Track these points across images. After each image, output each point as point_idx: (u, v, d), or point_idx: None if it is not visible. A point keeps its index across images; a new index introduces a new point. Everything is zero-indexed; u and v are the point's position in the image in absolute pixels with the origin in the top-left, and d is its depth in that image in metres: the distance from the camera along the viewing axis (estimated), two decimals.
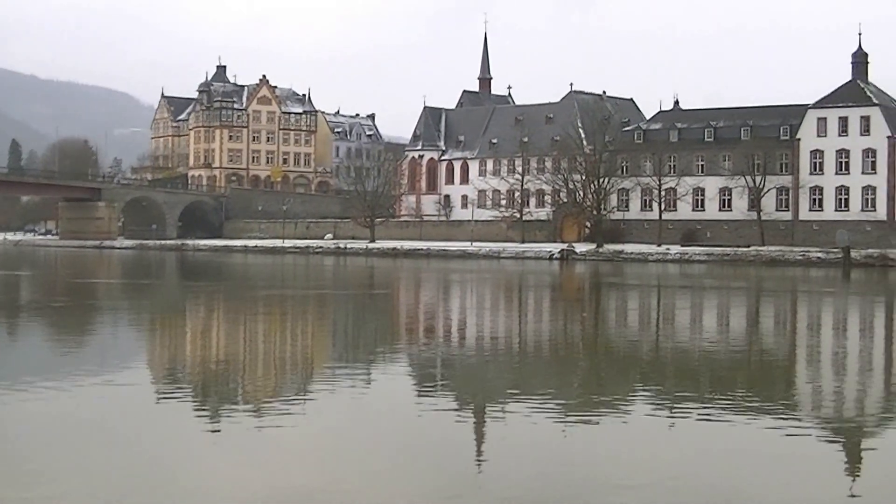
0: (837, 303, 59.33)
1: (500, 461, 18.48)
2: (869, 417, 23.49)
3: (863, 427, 22.19)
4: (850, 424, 22.38)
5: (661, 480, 17.04)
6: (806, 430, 21.28)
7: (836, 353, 35.94)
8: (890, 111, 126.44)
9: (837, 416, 23.45)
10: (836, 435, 21.13)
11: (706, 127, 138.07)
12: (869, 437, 21.22)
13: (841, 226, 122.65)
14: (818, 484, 17.22)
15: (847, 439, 20.81)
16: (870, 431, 21.71)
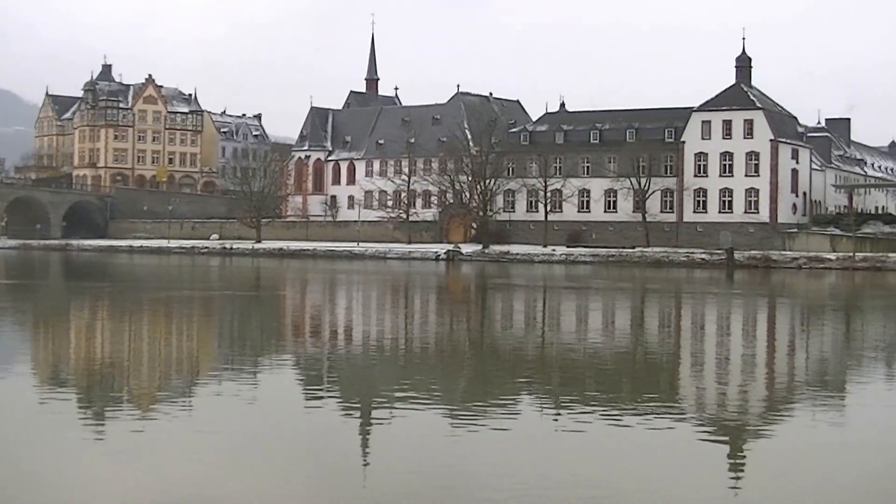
0: (721, 304, 60.00)
1: (387, 462, 18.36)
2: (752, 416, 23.70)
3: (745, 425, 22.40)
4: (733, 423, 22.57)
5: (546, 480, 17.03)
6: (690, 429, 21.46)
7: (720, 353, 36.36)
8: (773, 115, 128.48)
9: (721, 415, 23.64)
10: (720, 433, 21.32)
11: (592, 129, 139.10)
12: (751, 434, 21.45)
13: (724, 227, 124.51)
14: (702, 483, 17.35)
15: (730, 438, 21.02)
16: (752, 429, 21.95)
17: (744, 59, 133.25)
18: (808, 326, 48.32)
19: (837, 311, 56.87)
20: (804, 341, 41.69)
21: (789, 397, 26.48)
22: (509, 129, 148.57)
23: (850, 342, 40.67)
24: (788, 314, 55.28)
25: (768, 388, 28.18)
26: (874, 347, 38.23)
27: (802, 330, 46.67)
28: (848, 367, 33.10)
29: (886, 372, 31.96)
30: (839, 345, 39.78)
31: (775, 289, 76.25)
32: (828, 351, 37.63)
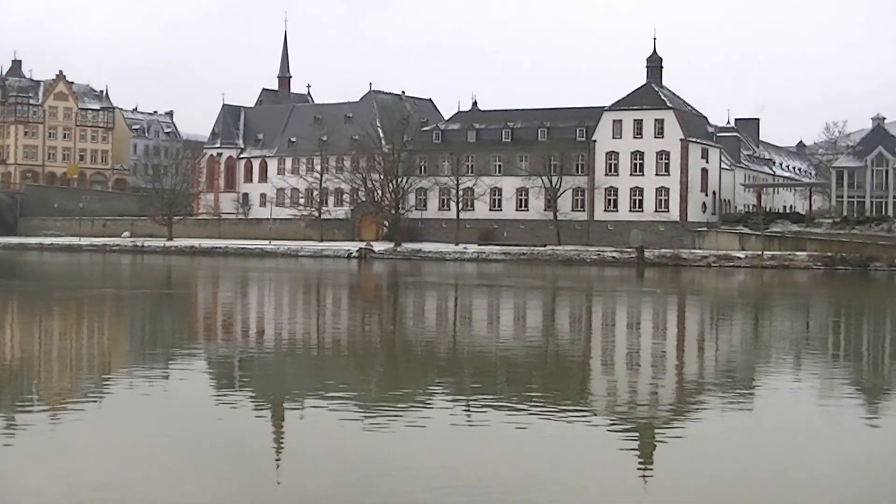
0: (631, 301, 60.54)
1: (301, 459, 18.36)
2: (662, 410, 24.01)
3: (656, 420, 22.65)
4: (644, 418, 22.84)
5: (459, 476, 17.14)
6: (601, 424, 21.66)
7: (631, 349, 36.71)
8: (683, 114, 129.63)
9: (632, 410, 23.92)
10: (631, 428, 21.58)
11: (504, 128, 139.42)
12: (662, 428, 21.69)
13: (635, 226, 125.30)
14: (613, 476, 17.53)
15: (641, 432, 21.28)
16: (663, 424, 22.21)
17: (654, 59, 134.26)
18: (718, 323, 48.95)
19: (746, 309, 57.61)
20: (713, 338, 42.23)
21: (699, 392, 26.82)
22: (421, 127, 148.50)
23: (759, 339, 41.28)
24: (698, 311, 55.93)
25: (678, 384, 28.52)
26: (782, 344, 38.84)
27: (712, 327, 47.27)
28: (756, 362, 33.63)
29: (793, 367, 32.48)
30: (748, 341, 40.36)
31: (685, 286, 77.06)
32: (737, 347, 38.16)
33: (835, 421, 23.10)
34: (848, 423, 22.84)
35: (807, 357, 35.19)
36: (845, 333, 45.10)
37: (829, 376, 30.50)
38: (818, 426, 22.52)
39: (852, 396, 26.75)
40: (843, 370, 32.29)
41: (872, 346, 39.72)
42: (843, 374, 31.08)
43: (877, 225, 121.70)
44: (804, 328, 46.93)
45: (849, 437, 21.30)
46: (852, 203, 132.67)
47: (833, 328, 47.32)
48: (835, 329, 46.93)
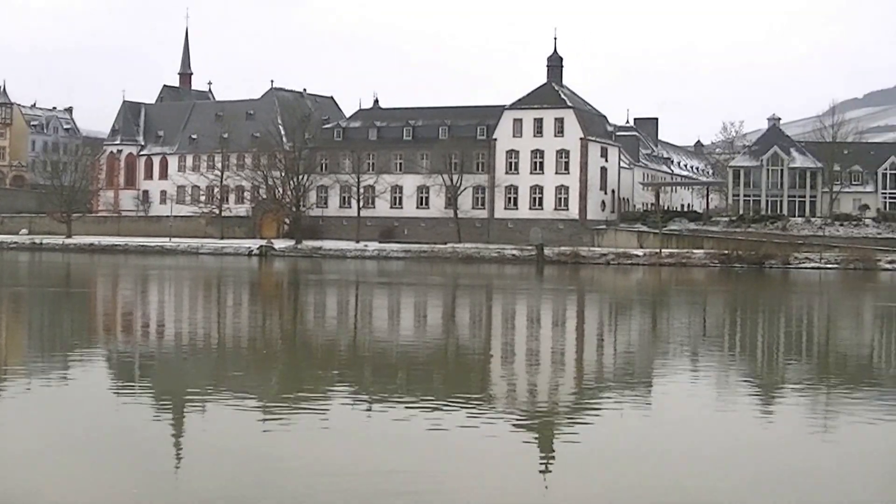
0: (531, 298, 60.99)
1: (200, 458, 18.37)
2: (561, 406, 24.25)
3: (556, 416, 22.88)
4: (544, 414, 23.05)
5: (358, 473, 17.22)
6: (501, 420, 21.81)
7: (531, 347, 36.99)
8: (583, 113, 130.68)
9: (532, 406, 24.09)
10: (531, 424, 21.73)
11: (405, 126, 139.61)
12: (561, 424, 21.91)
13: (535, 224, 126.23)
14: (514, 474, 17.66)
15: (540, 428, 21.45)
16: (562, 419, 22.42)
17: (555, 58, 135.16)
18: (617, 320, 49.49)
19: (645, 306, 58.29)
20: (613, 335, 42.66)
21: (599, 388, 27.04)
22: (323, 125, 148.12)
23: (657, 335, 41.85)
24: (597, 309, 56.50)
25: (578, 380, 28.81)
26: (679, 340, 39.42)
27: (611, 324, 47.77)
28: (654, 359, 34.10)
29: (691, 363, 33.00)
30: (646, 338, 40.86)
31: (584, 284, 77.73)
32: (635, 344, 38.61)
33: (730, 415, 23.53)
34: (743, 417, 23.27)
35: (704, 353, 35.75)
36: (741, 330, 45.85)
37: (725, 372, 31.05)
38: (714, 421, 22.87)
39: (748, 391, 27.24)
40: (739, 366, 32.85)
41: (767, 342, 40.42)
42: (739, 370, 31.63)
43: (772, 223, 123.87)
44: (701, 325, 47.64)
45: (743, 430, 21.68)
46: (748, 202, 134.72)
47: (729, 325, 48.12)
48: (731, 325, 47.72)
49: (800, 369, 32.35)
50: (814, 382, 29.01)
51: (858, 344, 39.72)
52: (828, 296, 69.77)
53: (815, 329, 47.15)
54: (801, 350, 38.28)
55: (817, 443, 20.89)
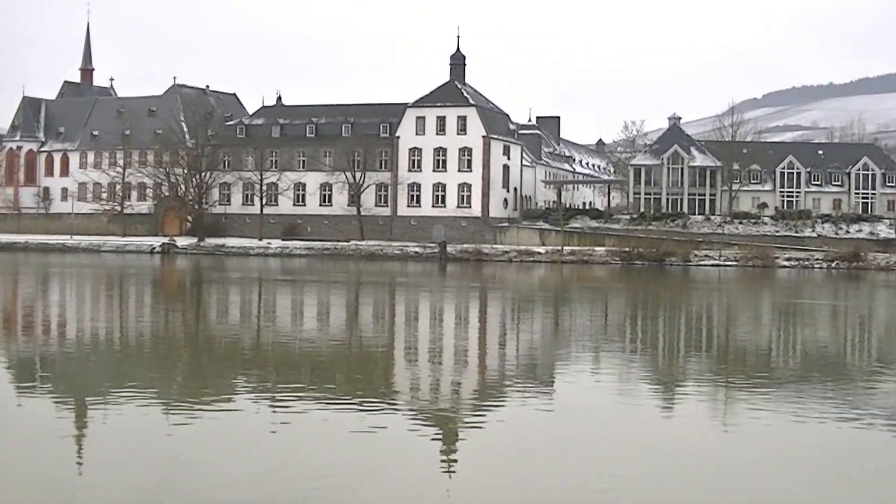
0: (434, 296, 61.13)
1: (103, 457, 18.18)
2: (465, 403, 24.36)
3: (459, 412, 22.98)
4: (448, 410, 23.14)
5: (263, 472, 17.16)
6: (404, 418, 21.87)
7: (433, 343, 37.09)
8: (485, 111, 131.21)
9: (435, 403, 24.17)
10: (434, 421, 21.80)
11: (308, 123, 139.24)
12: (464, 420, 22.02)
13: (438, 222, 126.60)
14: (416, 471, 17.72)
15: (444, 424, 21.53)
16: (466, 416, 22.54)
17: (458, 56, 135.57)
18: (519, 317, 49.73)
19: (547, 303, 58.65)
20: (515, 331, 42.87)
21: (501, 384, 27.23)
22: (226, 122, 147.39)
23: (559, 331, 42.12)
24: (500, 306, 56.70)
25: (480, 377, 28.95)
26: (581, 336, 39.72)
27: (513, 320, 47.98)
28: (556, 355, 34.33)
29: (592, 359, 33.28)
30: (548, 334, 41.12)
31: (487, 281, 78.01)
32: (537, 340, 38.84)
33: (632, 410, 23.76)
34: (645, 412, 23.52)
35: (605, 349, 36.05)
36: (642, 326, 46.29)
37: (627, 367, 31.34)
38: (617, 416, 23.09)
39: (649, 386, 27.51)
40: (641, 361, 33.18)
41: (668, 339, 40.88)
42: (641, 366, 31.95)
43: (672, 221, 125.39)
44: (603, 321, 48.07)
45: (645, 425, 21.92)
46: (649, 200, 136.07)
47: (631, 321, 48.59)
48: (632, 322, 48.19)
49: (700, 364, 32.79)
50: (714, 378, 29.41)
51: (757, 340, 40.31)
52: (727, 293, 70.67)
53: (714, 325, 47.81)
54: (702, 346, 38.78)
55: (718, 437, 21.19)
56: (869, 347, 39.58)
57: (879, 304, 62.50)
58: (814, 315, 52.91)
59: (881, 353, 37.61)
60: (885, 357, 36.12)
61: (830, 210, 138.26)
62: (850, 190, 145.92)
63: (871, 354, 37.10)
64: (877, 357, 36.21)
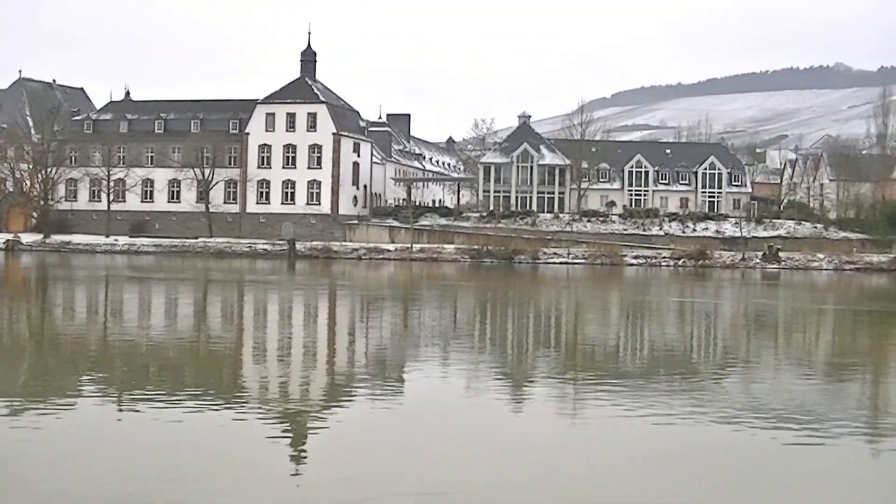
0: (283, 293, 61.07)
1: None
2: (313, 402, 24.42)
3: (306, 412, 23.05)
4: (295, 410, 23.16)
5: (109, 473, 17.04)
6: (254, 417, 21.90)
7: (282, 342, 37.06)
8: (336, 109, 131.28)
9: (283, 402, 24.11)
10: (283, 421, 21.69)
11: (157, 119, 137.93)
12: (314, 420, 22.00)
13: (287, 219, 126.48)
14: (265, 471, 17.73)
15: (293, 424, 21.50)
16: (315, 415, 22.52)
17: (309, 53, 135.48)
18: (368, 315, 49.92)
19: (396, 300, 58.95)
20: (364, 329, 42.96)
21: (350, 382, 27.16)
22: (73, 116, 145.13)
23: (408, 329, 42.42)
24: (349, 303, 56.87)
25: (329, 375, 28.94)
26: (430, 334, 40.09)
27: (362, 318, 48.10)
28: (406, 352, 34.59)
29: (441, 356, 33.62)
30: (397, 332, 41.34)
31: (336, 279, 78.06)
32: (386, 337, 38.99)
33: (481, 407, 24.05)
34: (493, 409, 23.80)
35: (454, 346, 36.40)
36: (491, 323, 46.79)
37: (475, 365, 31.67)
38: (465, 413, 23.28)
39: (498, 384, 27.84)
40: (490, 359, 33.51)
41: (517, 336, 41.35)
42: (490, 363, 32.28)
43: (521, 219, 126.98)
44: (452, 319, 48.49)
45: (494, 422, 22.19)
46: (498, 198, 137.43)
47: (480, 319, 49.10)
48: (481, 319, 48.70)
49: (549, 362, 33.20)
50: (563, 375, 29.78)
51: (605, 337, 40.93)
52: (575, 290, 71.64)
53: (563, 323, 48.41)
54: (551, 343, 39.22)
55: (566, 433, 21.39)
56: (715, 343, 40.46)
57: (724, 301, 63.97)
58: (661, 312, 53.94)
59: (727, 348, 38.51)
60: (730, 353, 37.02)
61: (677, 209, 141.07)
62: (696, 189, 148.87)
63: (717, 350, 37.94)
64: (722, 353, 37.12)
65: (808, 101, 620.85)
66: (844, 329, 48.05)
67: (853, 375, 31.04)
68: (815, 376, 30.82)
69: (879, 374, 31.97)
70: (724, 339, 42.01)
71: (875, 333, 46.18)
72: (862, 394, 27.93)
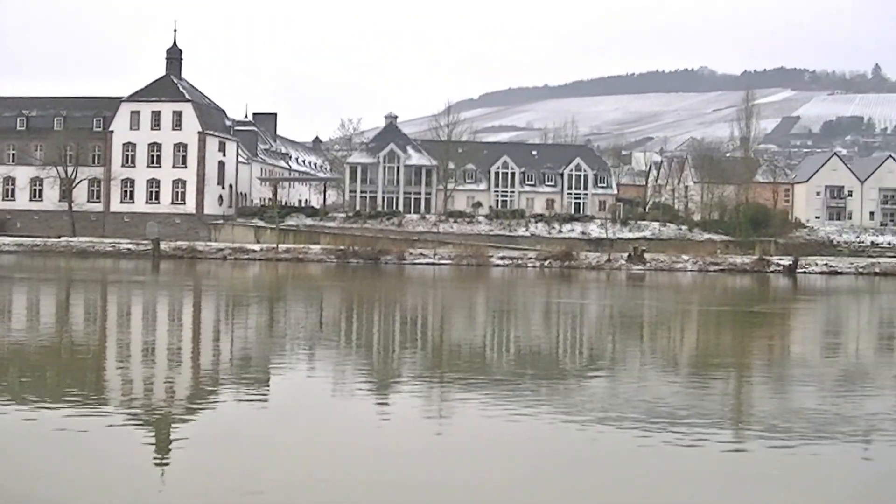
0: (147, 293, 60.60)
1: None
2: (177, 404, 24.34)
3: (171, 414, 22.98)
4: (160, 412, 23.08)
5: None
6: (118, 419, 21.82)
7: (146, 342, 36.80)
8: (201, 107, 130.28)
9: (148, 404, 23.94)
10: (147, 422, 21.64)
11: (18, 115, 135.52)
12: (177, 422, 21.97)
13: (152, 218, 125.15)
14: (129, 472, 17.64)
15: (156, 426, 21.39)
16: (178, 417, 22.50)
17: (175, 51, 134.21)
18: (233, 315, 49.82)
19: (261, 301, 58.81)
20: (229, 329, 42.90)
21: (215, 383, 27.16)
22: None
23: (274, 329, 42.46)
24: (214, 303, 56.63)
25: (194, 374, 28.82)
26: (296, 334, 40.22)
27: (227, 318, 48.00)
28: (271, 352, 34.64)
29: (307, 356, 33.80)
30: (263, 332, 41.32)
31: (201, 279, 77.61)
32: (252, 338, 38.93)
33: (345, 409, 24.27)
34: (359, 408, 24.02)
35: (320, 346, 36.55)
36: (357, 324, 46.91)
37: (342, 365, 31.87)
38: (330, 413, 23.47)
39: (364, 383, 28.03)
40: (356, 358, 33.67)
41: (383, 336, 41.53)
42: (356, 363, 32.46)
43: (388, 219, 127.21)
44: (318, 319, 48.60)
45: (356, 424, 22.38)
46: (365, 198, 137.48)
47: (345, 319, 49.24)
48: (347, 320, 48.84)
49: (415, 362, 33.50)
50: (429, 376, 30.05)
51: (471, 337, 41.28)
52: (441, 291, 72.01)
53: (429, 323, 48.80)
54: (417, 343, 39.46)
55: (430, 433, 21.61)
56: (581, 344, 40.97)
57: (590, 302, 64.72)
58: (527, 313, 54.45)
59: (593, 349, 39.03)
60: (596, 353, 37.60)
61: (544, 210, 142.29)
62: (563, 190, 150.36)
63: (583, 351, 38.51)
64: (588, 353, 37.66)
65: (674, 104, 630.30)
66: (708, 329, 49.10)
67: (716, 375, 31.88)
68: (679, 376, 31.58)
69: (742, 373, 32.84)
70: (591, 340, 42.61)
71: (738, 333, 47.33)
72: (725, 393, 28.73)
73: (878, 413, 24.93)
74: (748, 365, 35.00)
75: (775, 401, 26.75)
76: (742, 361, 35.76)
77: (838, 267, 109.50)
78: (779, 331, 48.93)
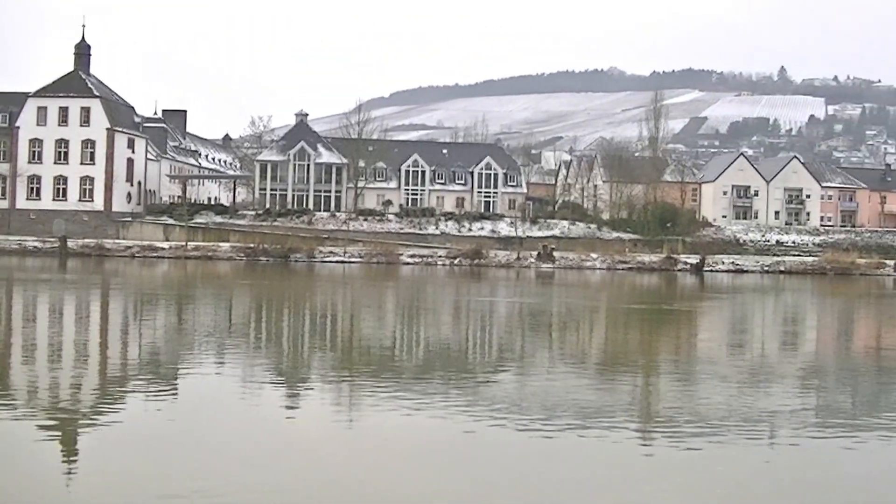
0: (53, 292, 59.96)
1: None
2: (85, 403, 24.10)
3: (78, 414, 22.81)
4: (67, 411, 22.89)
5: None
6: (25, 419, 21.64)
7: (53, 341, 36.44)
8: (110, 103, 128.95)
9: (55, 403, 23.79)
10: (54, 422, 21.48)
11: None
12: (84, 423, 21.76)
13: (59, 215, 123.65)
14: (36, 472, 17.51)
15: (63, 426, 21.20)
16: (85, 417, 22.24)
17: (83, 46, 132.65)
18: (141, 313, 49.41)
19: (170, 299, 58.37)
20: (137, 328, 42.55)
21: (124, 383, 26.90)
22: None
23: (182, 328, 42.21)
24: (122, 302, 56.14)
25: (102, 374, 28.61)
26: (204, 332, 40.00)
27: (136, 317, 47.57)
28: (180, 351, 34.45)
29: (216, 355, 33.61)
30: (171, 331, 41.05)
31: (109, 277, 76.92)
32: (160, 337, 38.61)
33: (254, 408, 24.25)
34: (267, 409, 24.01)
35: (229, 345, 36.42)
36: (266, 322, 46.82)
37: (251, 364, 31.78)
38: (239, 412, 23.42)
39: (273, 382, 28.06)
40: (265, 358, 33.60)
41: (292, 335, 41.55)
42: (265, 362, 32.41)
43: (298, 217, 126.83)
44: (227, 318, 48.37)
45: (265, 422, 22.39)
46: (275, 196, 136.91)
47: (255, 318, 49.04)
48: (256, 318, 48.65)
49: (324, 360, 33.50)
50: (338, 373, 30.08)
51: (381, 335, 41.38)
52: (351, 289, 71.99)
53: (339, 321, 48.72)
54: (326, 342, 39.53)
55: (339, 431, 21.68)
56: (490, 341, 41.18)
57: (500, 300, 65.00)
58: (437, 311, 54.67)
59: (502, 346, 39.25)
60: (505, 350, 37.80)
61: (454, 208, 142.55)
62: (473, 188, 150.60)
63: (492, 348, 38.71)
64: (497, 350, 37.89)
65: (583, 104, 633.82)
66: (616, 327, 49.64)
67: (623, 371, 32.27)
68: (586, 372, 31.90)
69: (648, 369, 33.25)
70: (499, 337, 42.84)
71: (645, 331, 47.89)
72: (633, 388, 29.09)
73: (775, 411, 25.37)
74: (654, 361, 35.42)
75: (680, 396, 27.08)
76: (649, 359, 36.17)
77: (744, 265, 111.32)
78: (686, 329, 49.49)
